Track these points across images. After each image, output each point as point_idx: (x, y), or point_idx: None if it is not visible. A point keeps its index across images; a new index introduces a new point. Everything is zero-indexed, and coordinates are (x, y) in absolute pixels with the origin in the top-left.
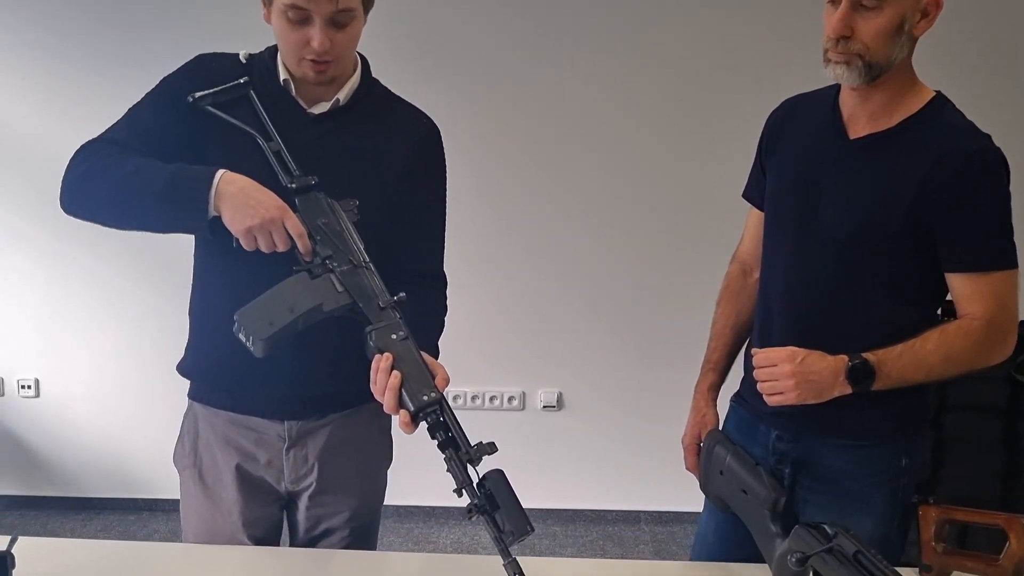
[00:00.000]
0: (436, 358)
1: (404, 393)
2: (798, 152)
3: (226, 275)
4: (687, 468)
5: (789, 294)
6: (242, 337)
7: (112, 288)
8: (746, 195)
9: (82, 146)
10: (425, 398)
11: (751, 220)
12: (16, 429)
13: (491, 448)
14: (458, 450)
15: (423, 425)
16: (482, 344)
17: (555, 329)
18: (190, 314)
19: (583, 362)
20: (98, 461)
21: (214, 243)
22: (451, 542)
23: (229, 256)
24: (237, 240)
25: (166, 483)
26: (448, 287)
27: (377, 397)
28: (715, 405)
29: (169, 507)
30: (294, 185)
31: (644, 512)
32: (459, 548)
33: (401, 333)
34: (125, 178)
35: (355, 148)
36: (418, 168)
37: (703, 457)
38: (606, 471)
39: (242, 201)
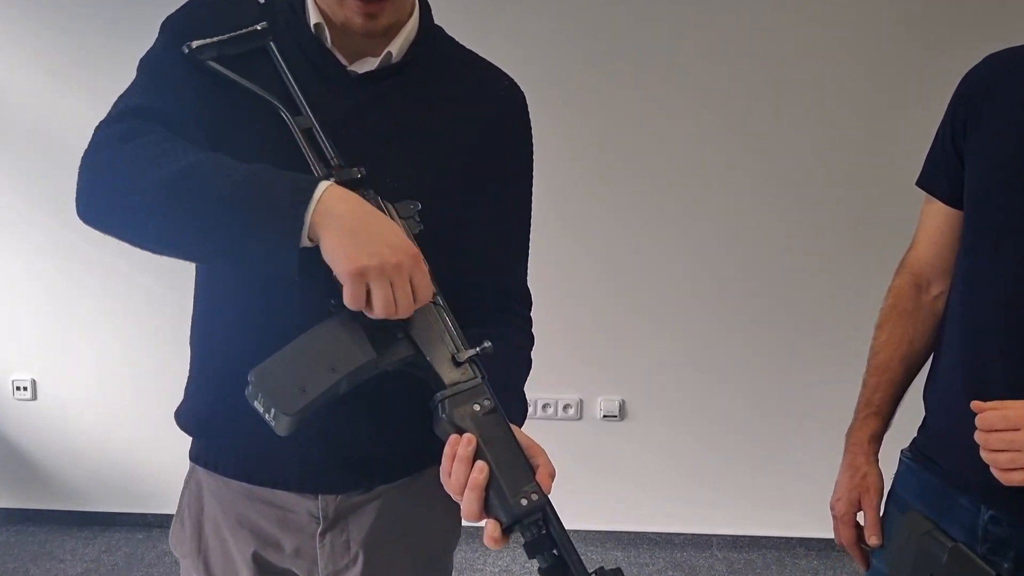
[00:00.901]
0: (524, 419)
1: (492, 494)
2: (1021, 125)
3: (238, 300)
4: (840, 544)
5: (1018, 321)
6: (259, 407)
7: (120, 278)
8: (924, 184)
9: (104, 124)
10: (524, 502)
11: (929, 218)
12: (10, 434)
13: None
14: None
15: None
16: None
17: (617, 330)
18: (191, 344)
19: (648, 367)
20: (103, 471)
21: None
22: (499, 570)
23: (241, 277)
24: (336, 297)
25: (178, 496)
26: None
27: (453, 495)
28: (877, 462)
29: None
30: (334, 179)
31: (716, 536)
32: None
33: (487, 403)
34: (177, 176)
35: (413, 123)
36: (499, 149)
37: (898, 547)
38: (673, 489)
39: (358, 226)
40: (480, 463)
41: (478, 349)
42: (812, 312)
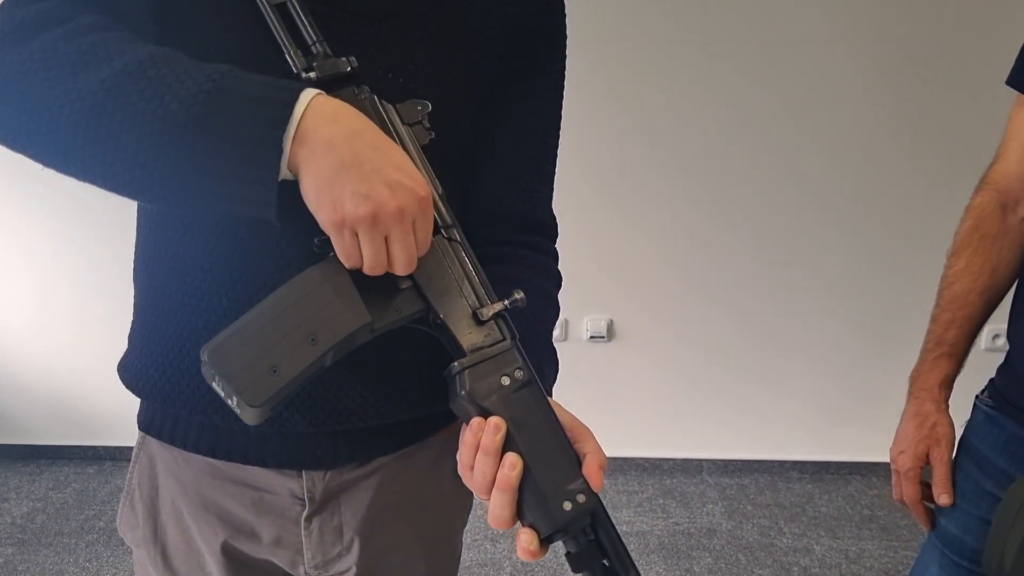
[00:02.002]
0: (555, 381)
1: (527, 495)
2: None
3: (195, 229)
4: (899, 499)
5: None
6: (218, 390)
7: (58, 188)
8: (1018, 83)
9: (7, 5)
10: (568, 506)
11: (1022, 124)
12: None
13: None
14: None
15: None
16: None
17: (605, 245)
18: (134, 281)
19: (638, 284)
20: (47, 401)
21: None
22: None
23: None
24: (323, 240)
25: (133, 428)
26: None
27: (477, 493)
28: (948, 409)
29: None
30: (315, 74)
31: (707, 461)
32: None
33: (519, 374)
34: (107, 86)
35: (421, 1)
36: (532, 36)
37: (1005, 522)
38: (663, 412)
39: (349, 159)
40: (512, 456)
41: (507, 303)
42: (806, 227)
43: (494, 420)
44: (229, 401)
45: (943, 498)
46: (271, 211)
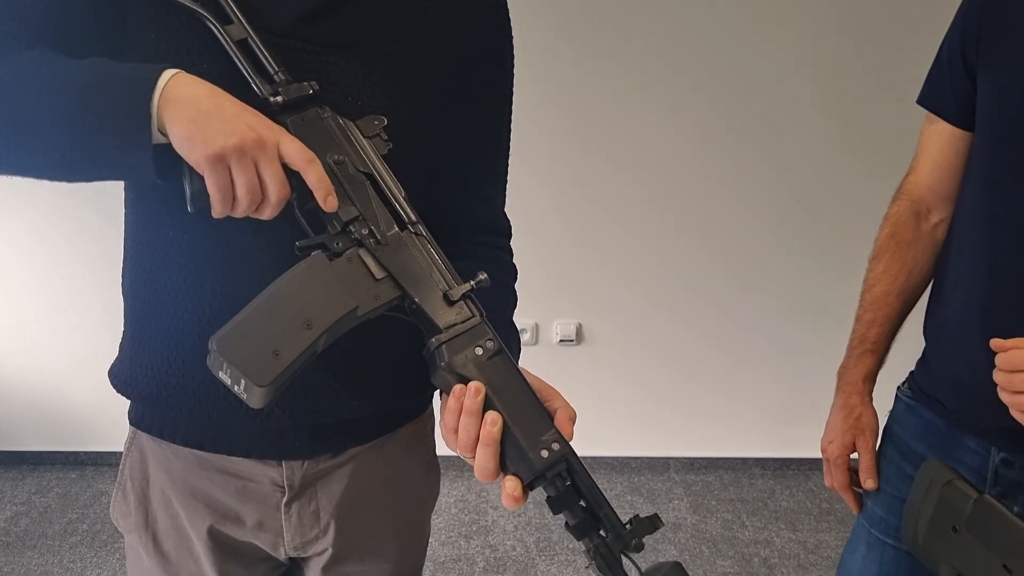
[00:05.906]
0: (519, 356)
1: (508, 448)
2: None
3: (179, 241)
4: (831, 485)
5: None
6: (225, 379)
7: (38, 188)
8: (926, 102)
9: None
10: (545, 453)
11: (932, 140)
12: None
13: (654, 523)
14: (606, 534)
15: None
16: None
17: (573, 251)
18: (123, 294)
19: (606, 290)
20: (28, 406)
21: (157, 193)
22: (454, 499)
23: (181, 213)
24: (195, 192)
25: (115, 432)
26: None
27: (461, 454)
28: (872, 401)
29: (119, 462)
30: (280, 98)
31: (673, 459)
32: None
33: (490, 344)
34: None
35: (373, 30)
36: (480, 57)
37: (917, 498)
38: (630, 412)
39: (211, 108)
40: (492, 414)
41: (473, 283)
42: (768, 235)
43: (474, 384)
44: (236, 387)
45: (868, 483)
46: (151, 173)
